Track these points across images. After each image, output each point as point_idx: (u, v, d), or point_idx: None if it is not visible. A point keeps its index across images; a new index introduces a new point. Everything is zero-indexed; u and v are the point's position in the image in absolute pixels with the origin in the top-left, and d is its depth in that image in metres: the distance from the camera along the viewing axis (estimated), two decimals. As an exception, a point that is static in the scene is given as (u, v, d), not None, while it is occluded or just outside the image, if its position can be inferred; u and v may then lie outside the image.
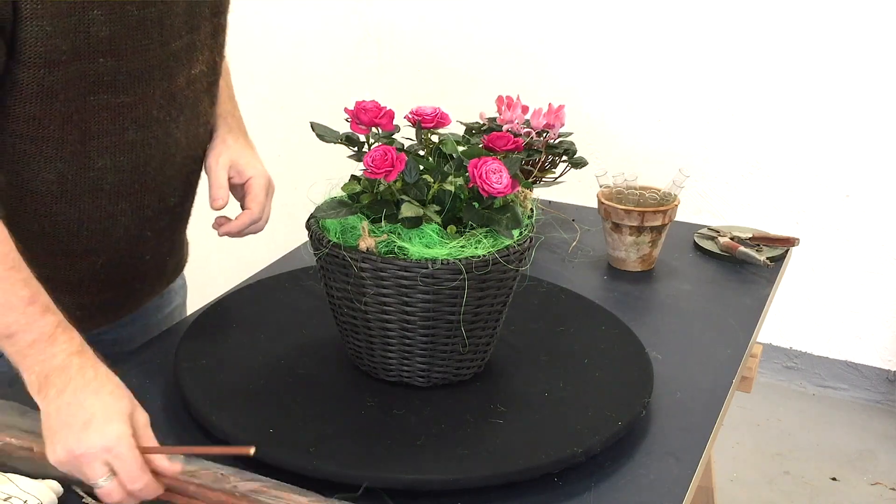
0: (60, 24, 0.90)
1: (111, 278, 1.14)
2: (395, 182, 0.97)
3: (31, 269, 0.91)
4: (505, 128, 1.44)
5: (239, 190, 1.18)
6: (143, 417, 0.89)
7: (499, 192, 0.95)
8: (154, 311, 1.29)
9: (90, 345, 0.92)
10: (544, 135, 1.47)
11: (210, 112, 1.17)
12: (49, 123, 0.96)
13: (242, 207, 1.17)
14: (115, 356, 1.29)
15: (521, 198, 1.04)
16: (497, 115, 1.50)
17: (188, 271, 1.34)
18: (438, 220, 0.97)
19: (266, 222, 1.18)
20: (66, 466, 0.86)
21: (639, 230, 1.43)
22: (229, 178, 1.16)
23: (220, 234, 1.16)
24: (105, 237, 1.08)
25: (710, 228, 1.62)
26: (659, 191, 1.49)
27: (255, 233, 1.17)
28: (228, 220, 1.15)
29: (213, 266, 2.33)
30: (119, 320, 1.22)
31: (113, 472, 0.84)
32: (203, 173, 1.21)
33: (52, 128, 0.96)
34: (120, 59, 0.97)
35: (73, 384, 0.87)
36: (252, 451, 0.83)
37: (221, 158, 1.17)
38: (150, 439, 0.88)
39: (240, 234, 1.15)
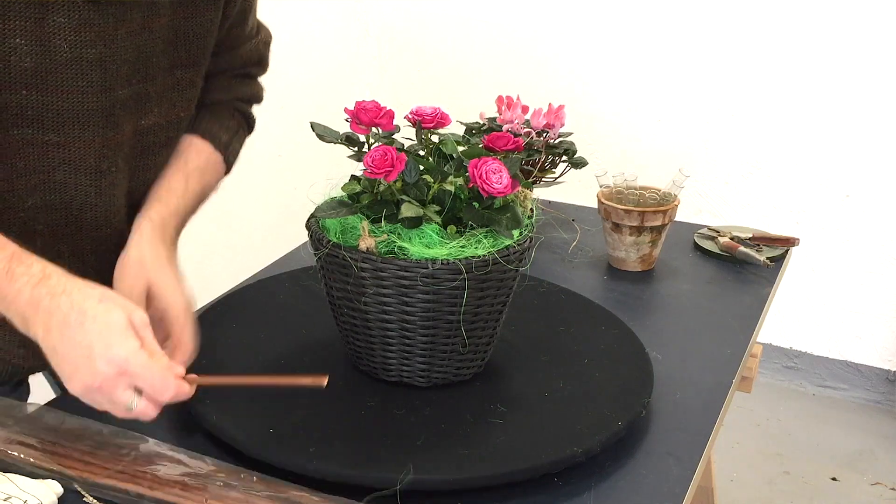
0: None
1: None
2: (395, 182, 0.97)
3: None
4: (505, 128, 1.44)
5: (155, 319, 0.97)
6: (139, 317, 0.85)
7: (499, 192, 0.95)
8: None
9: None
10: (544, 135, 1.47)
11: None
12: None
13: (162, 341, 0.96)
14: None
15: (521, 198, 1.04)
16: (497, 115, 1.50)
17: (189, 272, 1.33)
18: (438, 220, 0.97)
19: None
20: (89, 400, 0.83)
21: (639, 230, 1.43)
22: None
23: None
24: None
25: (710, 228, 1.62)
26: (659, 191, 1.49)
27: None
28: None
29: (213, 266, 2.33)
30: None
31: (138, 391, 0.83)
32: None
33: None
34: (49, 96, 0.92)
35: (55, 320, 0.83)
36: (325, 381, 0.87)
37: (136, 287, 0.99)
38: (150, 339, 0.86)
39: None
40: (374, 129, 1.03)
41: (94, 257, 1.06)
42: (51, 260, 0.93)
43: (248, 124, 1.24)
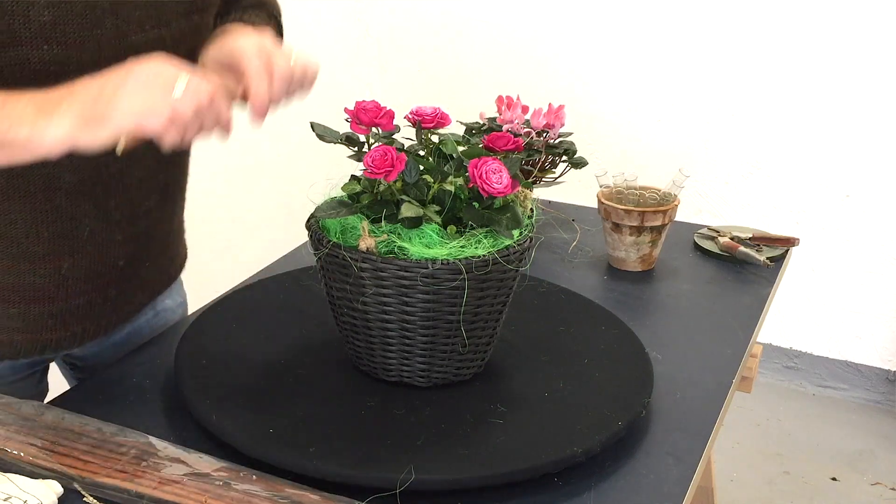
0: None
1: (80, 284, 1.08)
2: (395, 182, 0.97)
3: None
4: (505, 128, 1.44)
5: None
6: None
7: (499, 192, 0.95)
8: (137, 332, 1.25)
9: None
10: (544, 135, 1.47)
11: None
12: None
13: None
14: (92, 369, 1.28)
15: (521, 198, 1.04)
16: (497, 115, 1.50)
17: (189, 271, 1.33)
18: (438, 220, 0.97)
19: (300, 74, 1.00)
20: (137, 82, 0.85)
21: (639, 230, 1.43)
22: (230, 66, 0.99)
23: (253, 120, 0.95)
24: (67, 239, 1.03)
25: (710, 228, 1.62)
26: (659, 191, 1.49)
27: (304, 87, 1.00)
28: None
29: (213, 266, 2.33)
30: (98, 337, 1.16)
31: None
32: (188, 179, 1.14)
33: None
34: (69, 48, 0.93)
35: (84, 81, 0.86)
36: None
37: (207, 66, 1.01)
38: None
39: (264, 106, 0.95)
40: (374, 129, 1.03)
41: (119, 213, 1.06)
42: (74, 217, 0.98)
43: (275, 18, 1.23)
